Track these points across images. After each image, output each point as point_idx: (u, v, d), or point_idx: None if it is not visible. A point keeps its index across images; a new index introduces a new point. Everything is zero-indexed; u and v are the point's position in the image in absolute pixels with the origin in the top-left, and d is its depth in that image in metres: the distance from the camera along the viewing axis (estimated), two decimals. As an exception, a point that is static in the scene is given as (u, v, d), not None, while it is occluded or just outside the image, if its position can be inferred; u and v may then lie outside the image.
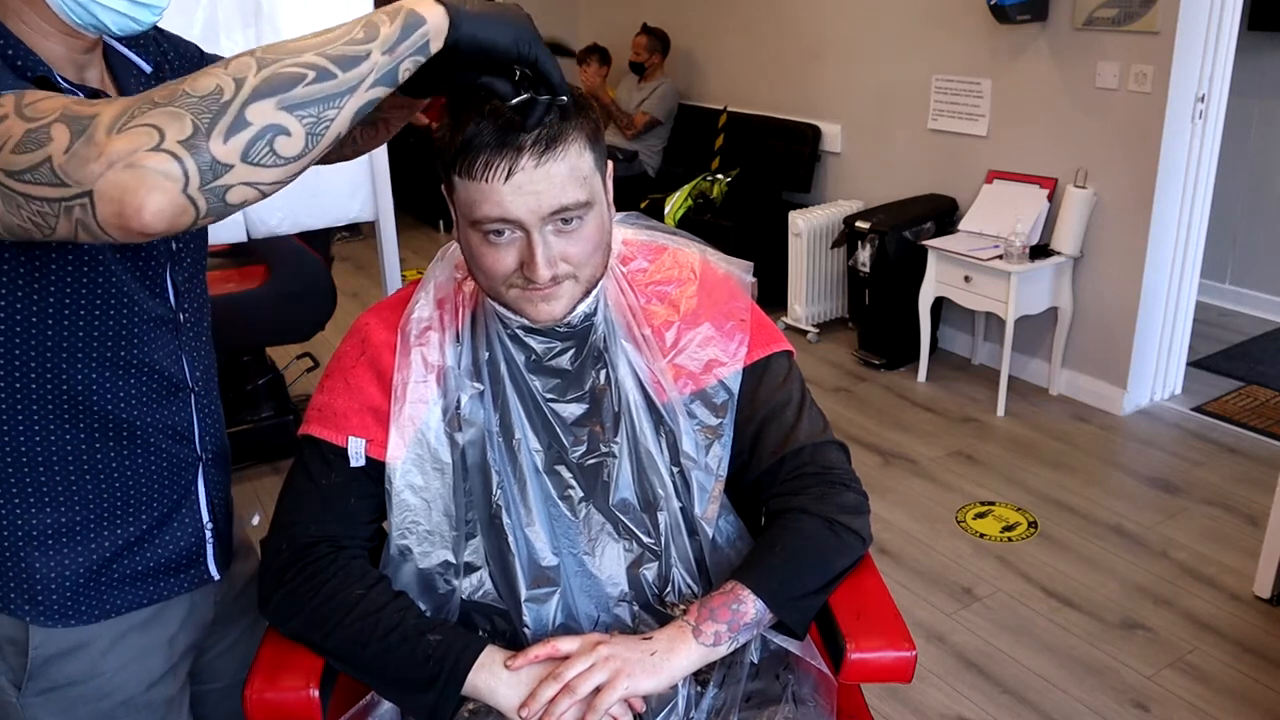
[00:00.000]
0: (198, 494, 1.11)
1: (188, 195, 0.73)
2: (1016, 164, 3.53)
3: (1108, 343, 3.38)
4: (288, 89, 0.75)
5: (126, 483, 1.03)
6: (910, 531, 2.77)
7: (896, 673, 1.04)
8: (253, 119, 0.74)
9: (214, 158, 0.73)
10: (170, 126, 0.72)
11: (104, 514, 1.02)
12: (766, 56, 4.62)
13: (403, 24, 0.81)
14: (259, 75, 0.75)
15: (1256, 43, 3.95)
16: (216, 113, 0.73)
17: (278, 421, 3.08)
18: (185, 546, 1.10)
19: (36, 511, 0.99)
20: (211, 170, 0.73)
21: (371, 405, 1.08)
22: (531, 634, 1.09)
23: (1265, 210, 4.21)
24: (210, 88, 0.74)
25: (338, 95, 0.77)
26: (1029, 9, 3.26)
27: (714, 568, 1.13)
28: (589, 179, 0.98)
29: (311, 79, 0.76)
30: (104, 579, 1.03)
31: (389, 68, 0.80)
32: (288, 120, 0.75)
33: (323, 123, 0.77)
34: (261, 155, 0.75)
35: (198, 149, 0.72)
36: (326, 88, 0.77)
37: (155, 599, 1.08)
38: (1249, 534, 2.67)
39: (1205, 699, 2.10)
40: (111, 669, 1.05)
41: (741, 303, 1.16)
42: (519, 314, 1.04)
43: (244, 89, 0.74)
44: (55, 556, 1.00)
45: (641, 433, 1.10)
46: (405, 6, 0.82)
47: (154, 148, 0.71)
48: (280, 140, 0.75)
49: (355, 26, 0.80)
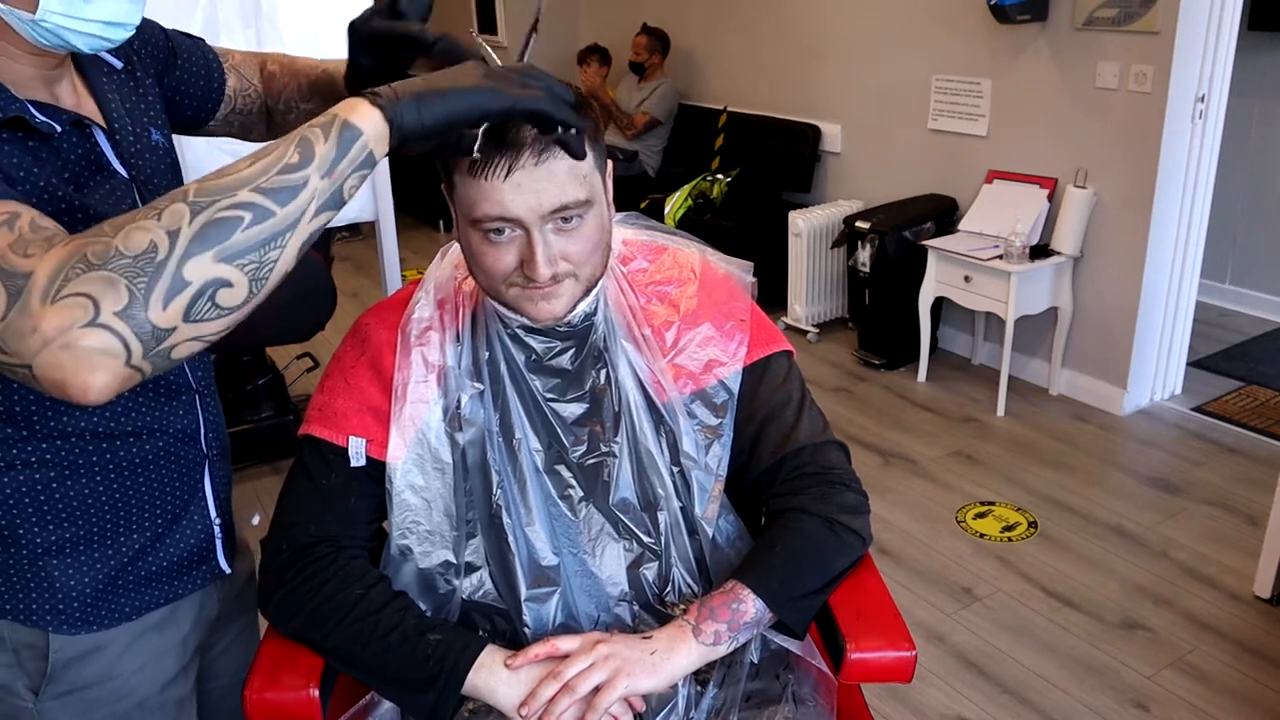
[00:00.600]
0: (205, 491, 1.11)
1: (131, 365, 0.69)
2: (1016, 164, 3.53)
3: (1108, 343, 3.38)
4: (225, 237, 0.71)
5: (139, 489, 1.02)
6: (910, 531, 2.77)
7: (896, 673, 1.04)
8: (191, 277, 0.70)
9: (154, 324, 0.69)
10: (105, 296, 0.67)
11: (119, 522, 1.01)
12: (766, 56, 4.62)
13: (338, 140, 0.76)
14: (193, 225, 0.70)
15: (1256, 43, 3.95)
16: (152, 275, 0.68)
17: (278, 421, 3.08)
18: (196, 544, 1.10)
19: (54, 527, 0.97)
20: (154, 337, 0.69)
21: (372, 405, 1.08)
22: (531, 634, 1.09)
23: (1265, 210, 4.20)
24: (144, 245, 0.69)
25: (279, 234, 0.73)
26: (1029, 9, 3.26)
27: (714, 567, 1.13)
28: (589, 177, 0.98)
29: (249, 221, 0.72)
30: (120, 583, 1.03)
31: (331, 191, 0.76)
32: (228, 272, 0.71)
33: (265, 266, 0.73)
34: (204, 312, 0.71)
35: (135, 319, 0.68)
36: (266, 228, 0.72)
37: (170, 598, 1.08)
38: (1249, 534, 2.67)
39: (1205, 699, 2.10)
40: (128, 671, 1.05)
41: (741, 303, 1.16)
42: (519, 313, 1.04)
43: (179, 245, 0.69)
44: (74, 567, 0.99)
45: (642, 432, 1.10)
46: (339, 116, 0.77)
47: (89, 323, 0.67)
48: (223, 293, 0.72)
49: (289, 148, 0.75)
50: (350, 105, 0.78)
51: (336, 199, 0.77)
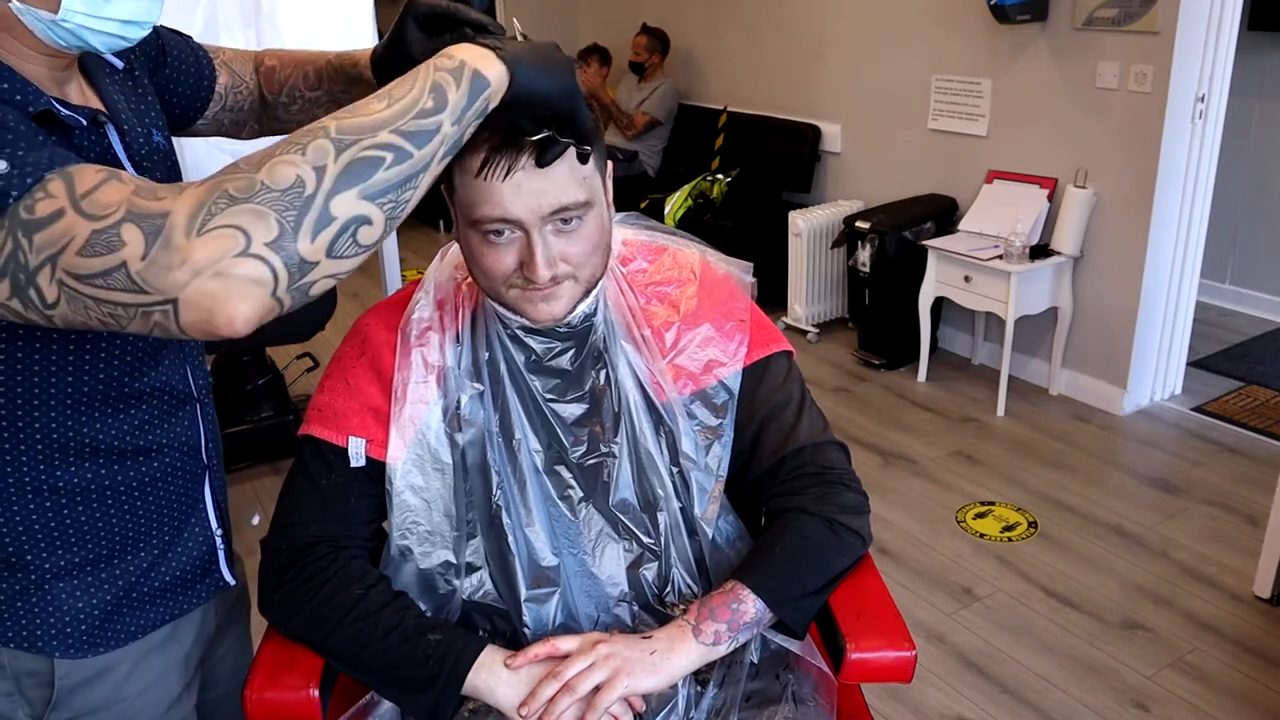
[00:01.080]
0: (205, 502, 1.10)
1: (275, 297, 0.71)
2: (1016, 164, 3.53)
3: (1108, 343, 3.38)
4: (369, 176, 0.73)
5: (146, 508, 1.02)
6: (910, 531, 2.77)
7: (896, 673, 1.04)
8: (337, 213, 0.72)
9: (301, 257, 0.71)
10: (255, 228, 0.69)
11: (125, 542, 1.00)
12: (766, 56, 4.62)
13: (469, 89, 0.79)
14: (338, 163, 0.72)
15: (1256, 43, 3.95)
16: (301, 209, 0.70)
17: (278, 421, 3.07)
18: (198, 556, 1.09)
19: (63, 551, 0.96)
20: (300, 269, 0.71)
21: (372, 405, 1.08)
22: (531, 634, 1.09)
23: (1265, 210, 4.20)
24: (290, 179, 0.71)
25: (414, 175, 0.76)
26: (1029, 9, 3.26)
27: (714, 568, 1.13)
28: (589, 179, 0.98)
29: (390, 162, 0.74)
30: (127, 603, 1.01)
31: (458, 137, 0.79)
32: (370, 210, 0.73)
33: (401, 205, 0.76)
34: (345, 248, 0.73)
35: (285, 250, 0.70)
36: (405, 169, 0.75)
37: (175, 614, 1.06)
38: (1249, 534, 2.67)
39: (1205, 699, 2.10)
40: (134, 693, 1.04)
41: (741, 303, 1.16)
42: (519, 314, 1.04)
43: (325, 181, 0.71)
44: (81, 589, 0.98)
45: (641, 433, 1.10)
46: (468, 65, 0.80)
47: (241, 252, 0.68)
48: (363, 230, 0.74)
49: (423, 92, 0.77)
50: (475, 54, 0.80)
51: (458, 143, 0.80)
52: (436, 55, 0.81)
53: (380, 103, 0.76)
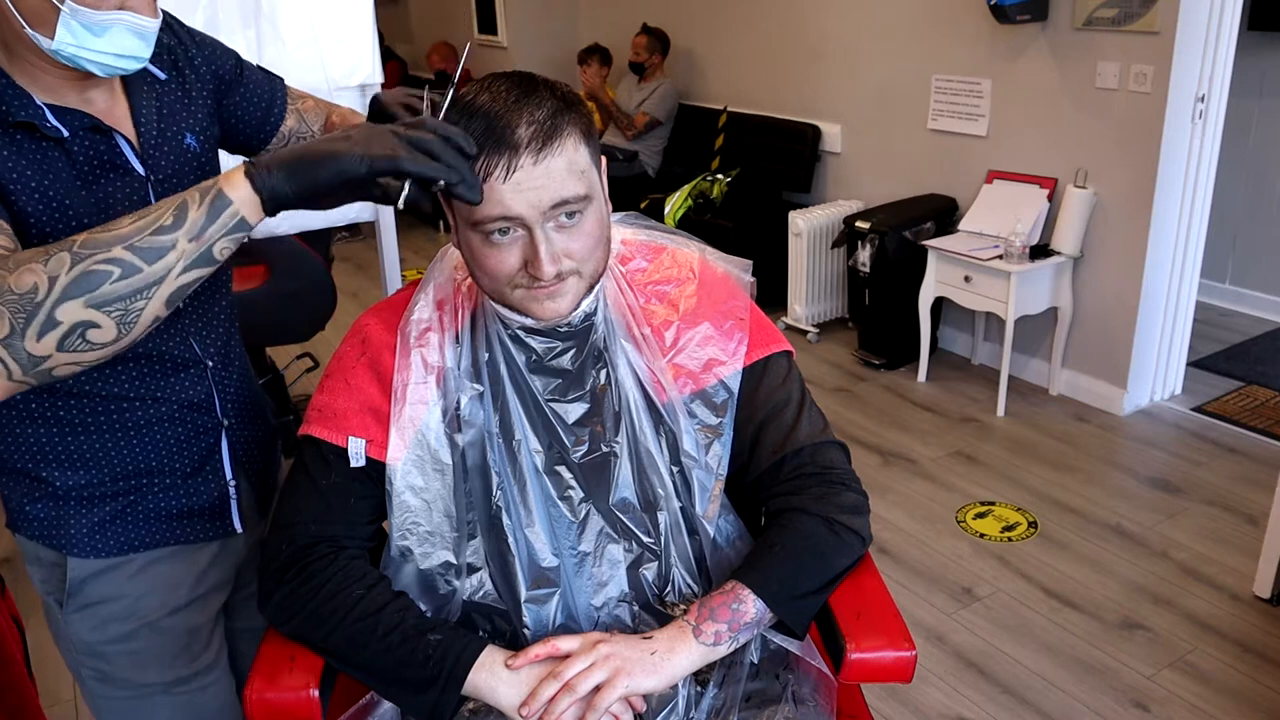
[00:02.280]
0: (222, 455, 1.21)
1: (15, 381, 0.83)
2: (1016, 164, 3.53)
3: (1108, 343, 3.38)
4: (95, 286, 0.82)
5: (146, 447, 1.14)
6: (910, 531, 2.77)
7: (896, 673, 1.04)
8: (62, 318, 0.82)
9: (29, 354, 0.82)
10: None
11: (129, 472, 1.14)
12: (766, 56, 4.62)
13: (210, 207, 0.86)
14: (70, 274, 0.82)
15: (1256, 43, 3.95)
16: (30, 313, 0.81)
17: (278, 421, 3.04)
18: (209, 500, 1.21)
19: (71, 472, 1.11)
20: (31, 362, 0.82)
21: (371, 406, 1.08)
22: (531, 634, 1.09)
23: (1265, 210, 4.20)
24: (28, 287, 0.81)
25: (145, 288, 0.84)
26: (1029, 9, 3.26)
27: (714, 567, 1.13)
28: (586, 173, 0.98)
29: (118, 275, 0.83)
30: (129, 517, 1.15)
31: (199, 252, 0.86)
32: (95, 315, 0.83)
33: (132, 313, 0.84)
34: (76, 345, 0.83)
35: (14, 347, 0.81)
36: (134, 282, 0.83)
37: (181, 540, 1.19)
38: (1249, 534, 2.67)
39: (1205, 699, 2.10)
40: (136, 593, 1.17)
41: (740, 302, 1.16)
42: (525, 313, 1.04)
43: (55, 289, 0.81)
44: (86, 503, 1.13)
45: (641, 432, 1.10)
46: (216, 185, 0.87)
47: None
48: (92, 332, 0.83)
49: (167, 211, 0.85)
50: (230, 175, 0.88)
51: (206, 258, 0.87)
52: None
53: (130, 220, 0.85)
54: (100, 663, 1.19)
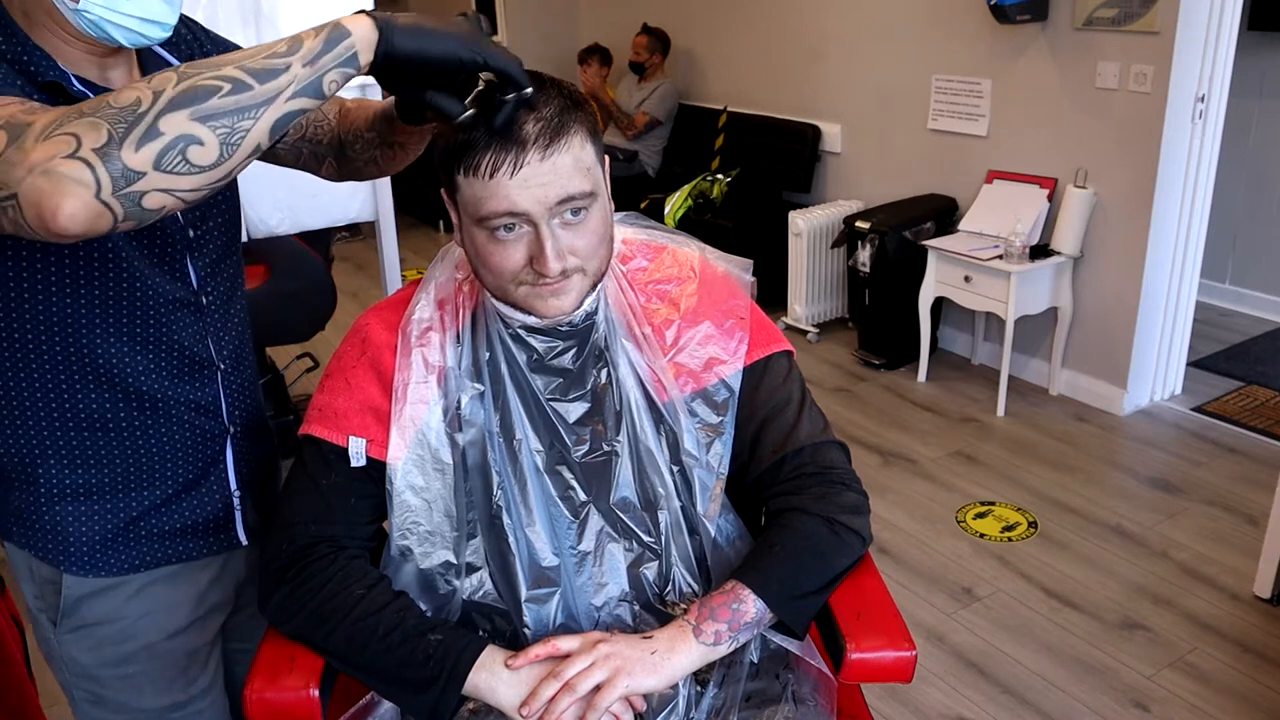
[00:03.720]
0: (226, 464, 1.17)
1: (101, 200, 0.76)
2: (1016, 164, 3.53)
3: (1108, 343, 3.38)
4: (203, 100, 0.78)
5: (151, 449, 1.10)
6: (910, 531, 2.77)
7: (896, 673, 1.04)
8: (165, 129, 0.77)
9: (125, 165, 0.76)
10: (87, 134, 0.75)
11: (130, 476, 1.10)
12: (766, 56, 4.62)
13: (326, 37, 0.83)
14: (177, 88, 0.78)
15: (1256, 43, 3.95)
16: (131, 123, 0.76)
17: (278, 422, 3.07)
18: (213, 512, 1.17)
19: (69, 471, 1.07)
20: (124, 178, 0.76)
21: (372, 405, 1.08)
22: (532, 634, 1.09)
23: (1265, 210, 4.20)
24: (130, 100, 0.77)
25: (253, 106, 0.80)
26: (1029, 9, 3.26)
27: (714, 567, 1.13)
28: (592, 170, 0.99)
29: (227, 90, 0.79)
30: (131, 535, 1.11)
31: (310, 79, 0.83)
32: (200, 130, 0.78)
33: (237, 133, 0.80)
34: (175, 164, 0.78)
35: (109, 156, 0.75)
36: (242, 99, 0.79)
37: (181, 558, 1.15)
38: (1249, 534, 2.67)
39: (1205, 699, 2.10)
40: (135, 615, 1.13)
41: (741, 301, 1.16)
42: (529, 311, 1.04)
43: (160, 101, 0.77)
44: (85, 513, 1.08)
45: (642, 431, 1.10)
46: (334, 21, 0.85)
47: (69, 154, 0.75)
48: (193, 149, 0.78)
49: (281, 41, 0.83)
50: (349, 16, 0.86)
51: (315, 88, 0.83)
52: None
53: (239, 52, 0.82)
54: (94, 685, 1.15)
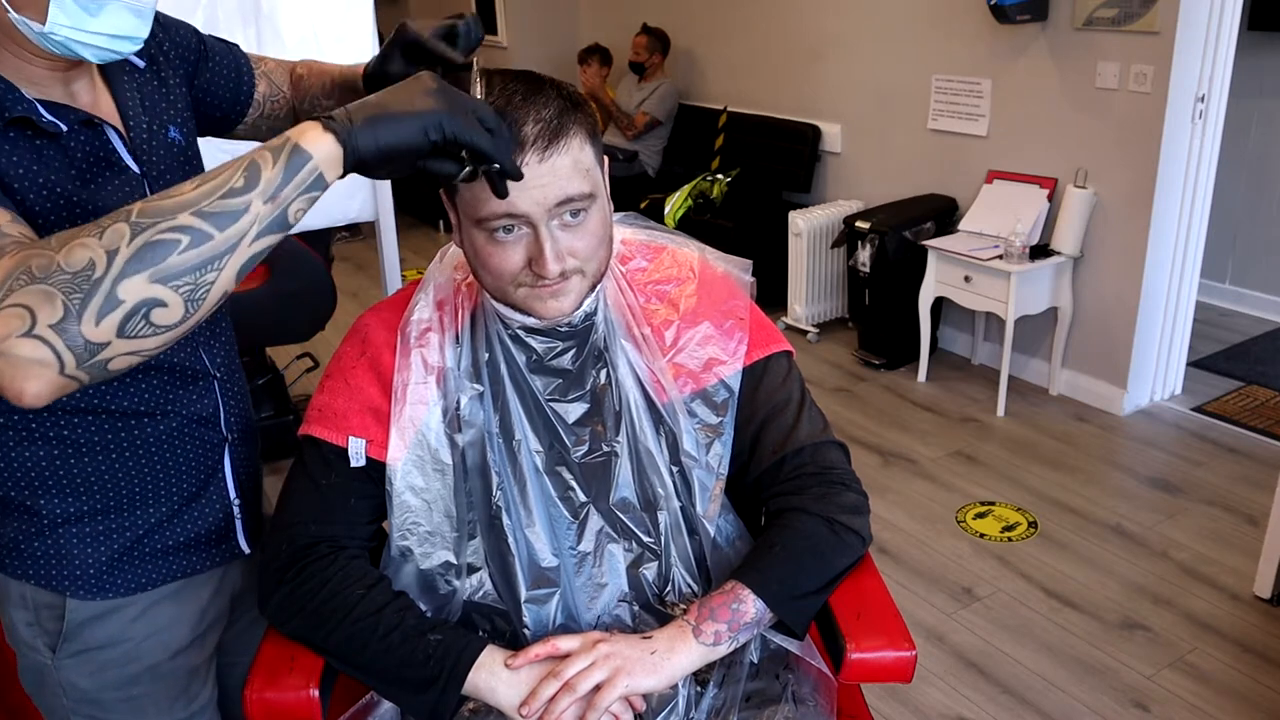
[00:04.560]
0: (225, 472, 1.15)
1: (67, 376, 0.72)
2: (1016, 164, 3.53)
3: (1108, 343, 3.38)
4: (161, 259, 0.73)
5: (154, 466, 1.07)
6: (910, 531, 2.77)
7: (896, 673, 1.04)
8: (125, 296, 0.72)
9: (87, 340, 0.71)
10: (42, 309, 0.70)
11: (134, 497, 1.06)
12: (766, 56, 4.62)
13: (286, 164, 0.77)
14: (131, 246, 0.72)
15: (1256, 43, 3.95)
16: (87, 292, 0.71)
17: (278, 421, 3.07)
18: (214, 522, 1.14)
19: (72, 499, 1.02)
20: (87, 350, 0.72)
21: (372, 405, 1.08)
22: (531, 634, 1.09)
23: (1265, 210, 4.20)
24: (82, 263, 0.71)
25: (216, 257, 0.75)
26: (1029, 9, 3.26)
27: (714, 567, 1.12)
28: (591, 171, 0.99)
29: (186, 244, 0.73)
30: (136, 555, 1.07)
31: (274, 215, 0.78)
32: (162, 292, 0.73)
33: (201, 288, 0.75)
34: (139, 329, 0.73)
35: (68, 333, 0.70)
36: (203, 251, 0.74)
37: (186, 573, 1.12)
38: (1249, 534, 2.67)
39: (1205, 699, 2.10)
40: (140, 636, 1.10)
41: (740, 301, 1.16)
42: (528, 312, 1.04)
43: (115, 263, 0.72)
44: (90, 537, 1.04)
45: (641, 432, 1.10)
46: (290, 140, 0.79)
47: (25, 333, 0.70)
48: (157, 312, 0.74)
49: (236, 172, 0.77)
50: (303, 129, 0.80)
51: (280, 223, 0.79)
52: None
53: (192, 185, 0.76)
54: (96, 710, 1.11)
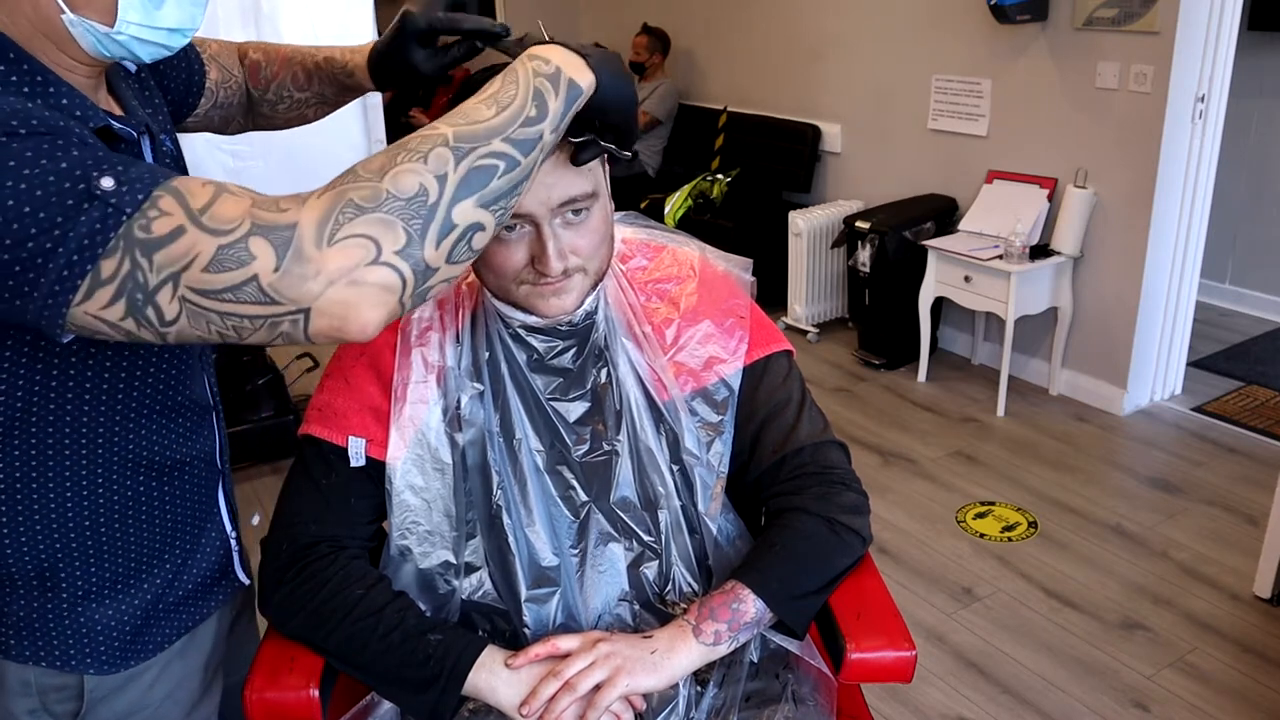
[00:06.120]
0: (220, 506, 1.10)
1: (401, 302, 0.73)
2: (1016, 164, 3.53)
3: (1108, 343, 3.38)
4: (485, 184, 0.75)
5: (166, 519, 1.02)
6: (910, 531, 2.77)
7: (896, 673, 1.04)
8: (458, 220, 0.74)
9: (426, 263, 0.73)
10: (385, 237, 0.71)
11: (151, 555, 1.01)
12: (766, 56, 4.62)
13: (566, 96, 0.81)
14: (458, 171, 0.74)
15: (1256, 43, 3.95)
16: (426, 217, 0.72)
17: (278, 421, 3.07)
18: (216, 561, 1.09)
19: (95, 568, 0.96)
20: (424, 275, 0.73)
21: (371, 405, 1.08)
22: (531, 634, 1.09)
23: (1265, 210, 4.20)
24: (415, 188, 0.72)
25: (520, 181, 0.78)
26: (1029, 9, 3.26)
27: (715, 566, 1.13)
28: (593, 170, 0.99)
29: (503, 170, 0.76)
30: (154, 616, 1.02)
31: (553, 143, 0.81)
32: (484, 216, 0.76)
33: (507, 211, 0.78)
34: (461, 253, 0.76)
35: (413, 257, 0.72)
36: (514, 176, 0.77)
37: (196, 621, 1.07)
38: (1249, 534, 2.67)
39: (1205, 699, 2.10)
40: (158, 700, 1.04)
41: (741, 300, 1.17)
42: (530, 310, 1.04)
43: (447, 189, 0.73)
44: (112, 606, 0.98)
45: (642, 430, 1.10)
46: (564, 73, 0.81)
47: (373, 261, 0.71)
48: (477, 236, 0.76)
49: (527, 100, 0.79)
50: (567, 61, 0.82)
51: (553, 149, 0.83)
52: (528, 56, 0.82)
53: (489, 109, 0.78)
54: None
